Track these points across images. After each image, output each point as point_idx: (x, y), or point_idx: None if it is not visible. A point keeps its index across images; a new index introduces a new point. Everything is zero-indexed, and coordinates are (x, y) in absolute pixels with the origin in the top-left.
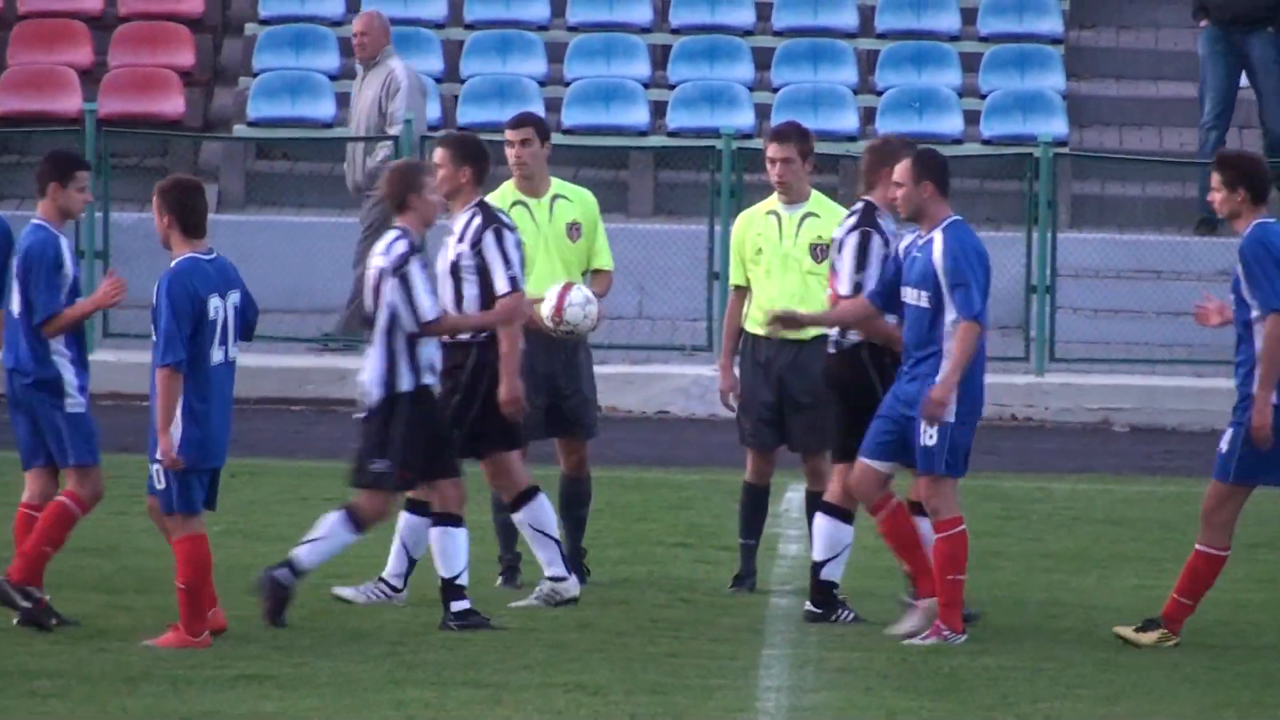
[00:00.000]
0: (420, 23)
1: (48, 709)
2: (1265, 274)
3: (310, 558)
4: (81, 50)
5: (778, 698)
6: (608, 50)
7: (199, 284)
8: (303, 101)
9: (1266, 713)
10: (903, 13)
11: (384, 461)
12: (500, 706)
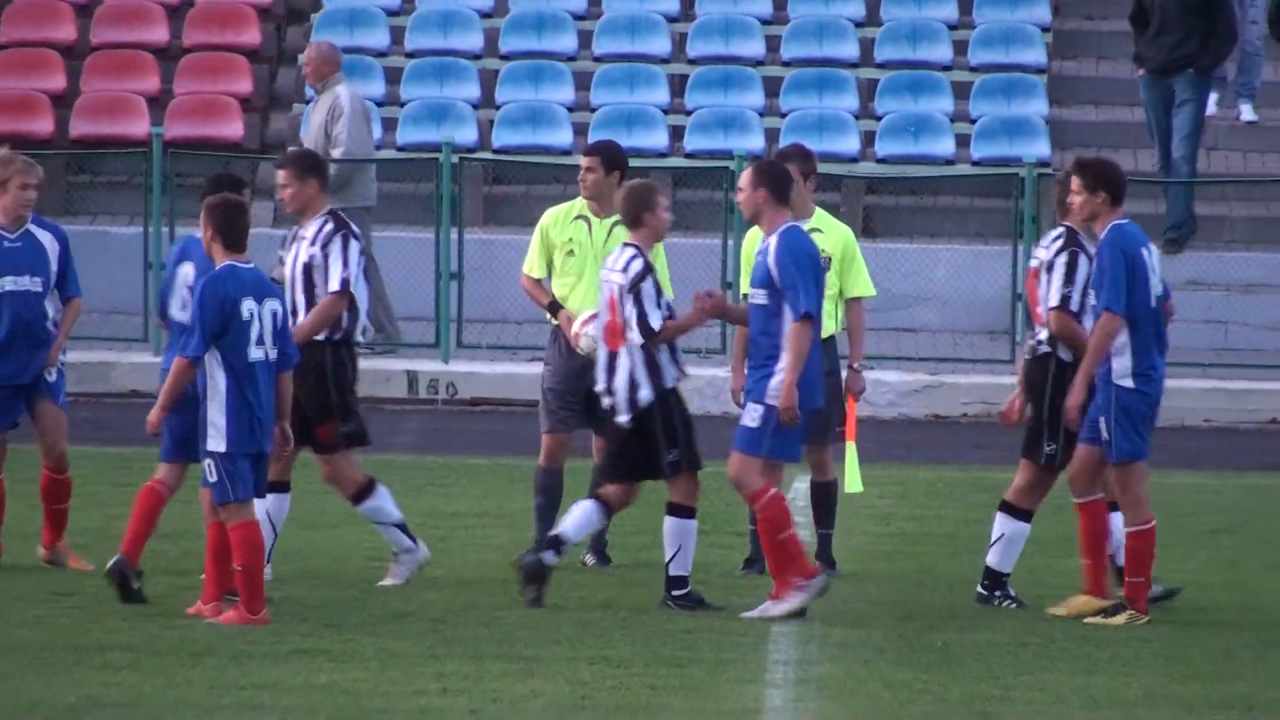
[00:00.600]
0: (458, 53)
1: (120, 680)
2: (1112, 275)
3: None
4: (149, 79)
5: (785, 670)
6: (630, 79)
7: (232, 288)
8: None
9: (1228, 684)
10: (900, 45)
11: (676, 450)
12: (532, 679)
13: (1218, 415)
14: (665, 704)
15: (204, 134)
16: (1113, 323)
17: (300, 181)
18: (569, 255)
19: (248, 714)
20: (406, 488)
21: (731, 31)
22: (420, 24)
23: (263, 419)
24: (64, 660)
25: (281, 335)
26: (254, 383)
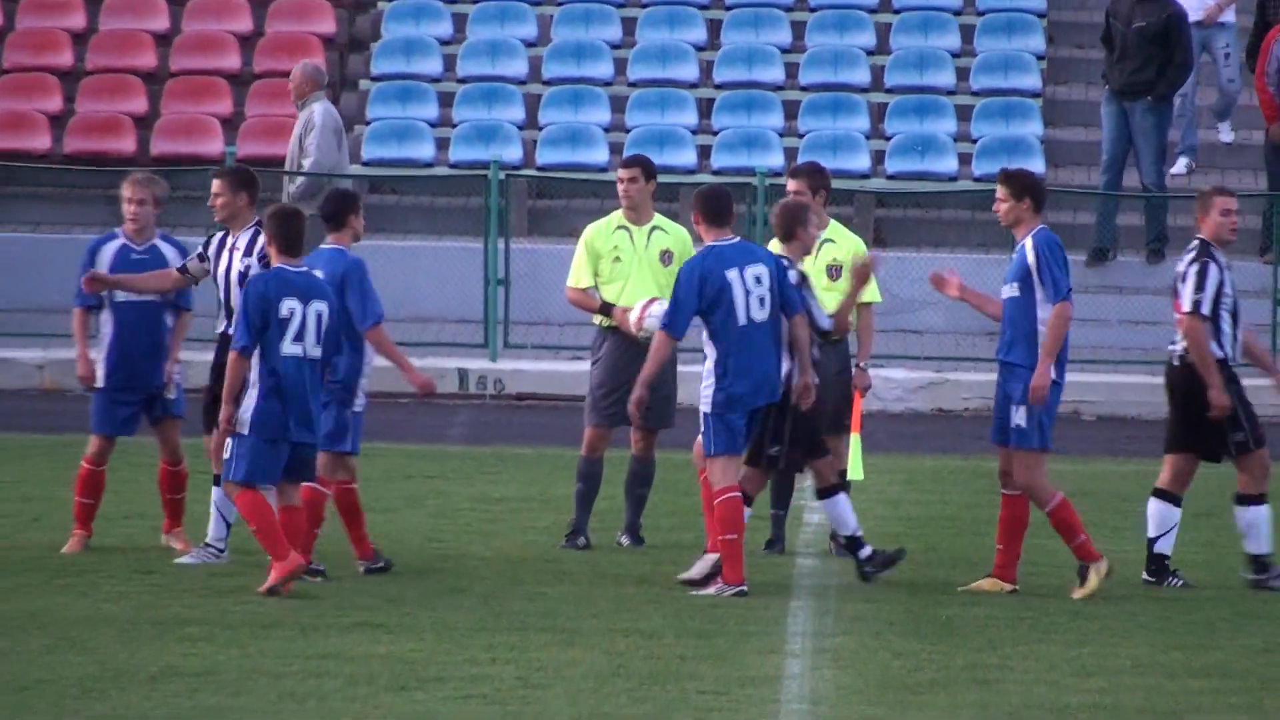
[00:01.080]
0: (505, 79)
1: (197, 650)
2: (1052, 268)
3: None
4: (223, 102)
5: (803, 641)
6: (662, 103)
7: (274, 288)
8: (408, 145)
9: (1207, 654)
10: (908, 71)
11: (777, 446)
12: (572, 648)
13: None
14: (694, 672)
15: (271, 153)
16: (1068, 311)
17: (233, 194)
18: (615, 262)
19: (313, 681)
20: (458, 475)
21: (754, 59)
22: (470, 52)
23: (293, 410)
24: (146, 633)
25: (329, 335)
26: (284, 377)
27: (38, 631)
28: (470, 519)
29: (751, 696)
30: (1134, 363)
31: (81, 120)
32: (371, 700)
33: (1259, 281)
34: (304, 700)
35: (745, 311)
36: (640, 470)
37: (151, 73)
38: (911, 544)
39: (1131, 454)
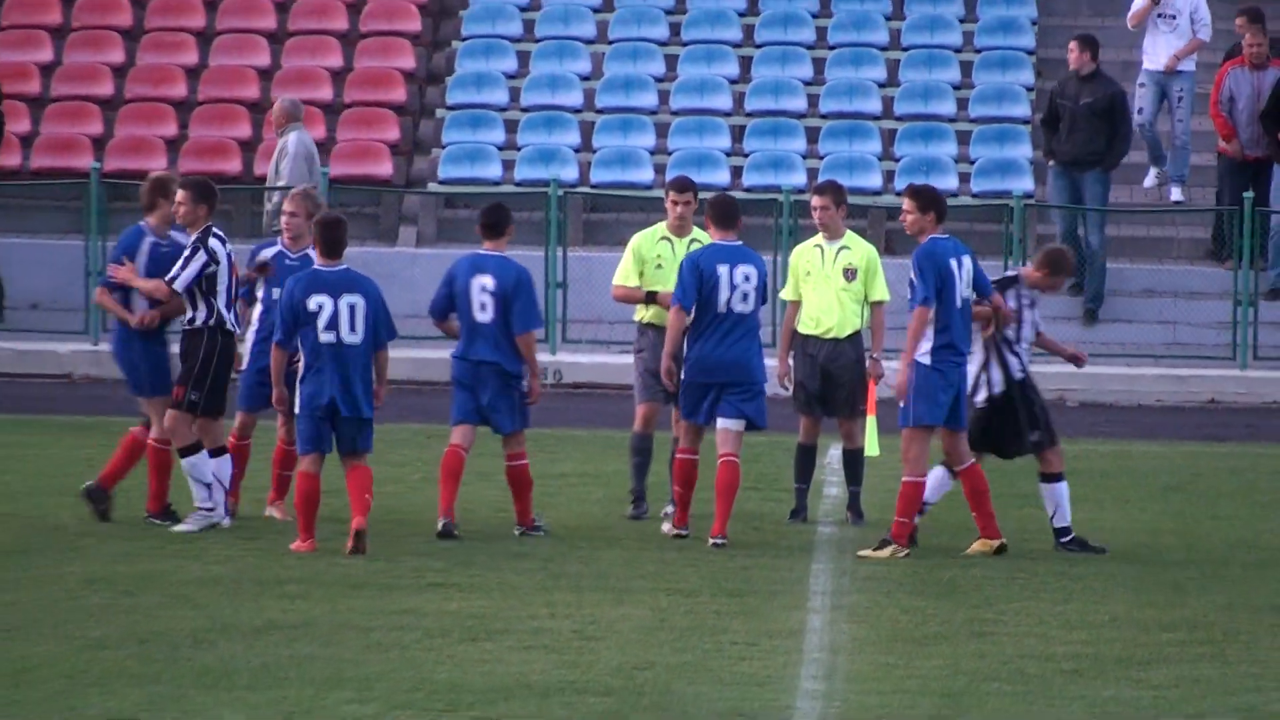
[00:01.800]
0: (564, 109)
1: (294, 607)
2: (924, 275)
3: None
4: (317, 128)
5: (822, 599)
6: (699, 129)
7: (301, 288)
8: (478, 166)
9: (1176, 610)
10: (914, 101)
11: (1037, 431)
12: (622, 605)
13: (1167, 396)
14: (727, 626)
15: (361, 172)
16: (924, 315)
17: (194, 204)
18: (657, 269)
19: (395, 634)
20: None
21: (780, 91)
22: (533, 85)
23: (332, 389)
24: (249, 591)
25: (367, 322)
26: (321, 360)
27: (155, 590)
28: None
29: (778, 647)
30: (1112, 356)
31: (195, 145)
32: (446, 650)
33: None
34: (387, 650)
35: (726, 302)
36: None
37: (255, 102)
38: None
39: (1109, 436)
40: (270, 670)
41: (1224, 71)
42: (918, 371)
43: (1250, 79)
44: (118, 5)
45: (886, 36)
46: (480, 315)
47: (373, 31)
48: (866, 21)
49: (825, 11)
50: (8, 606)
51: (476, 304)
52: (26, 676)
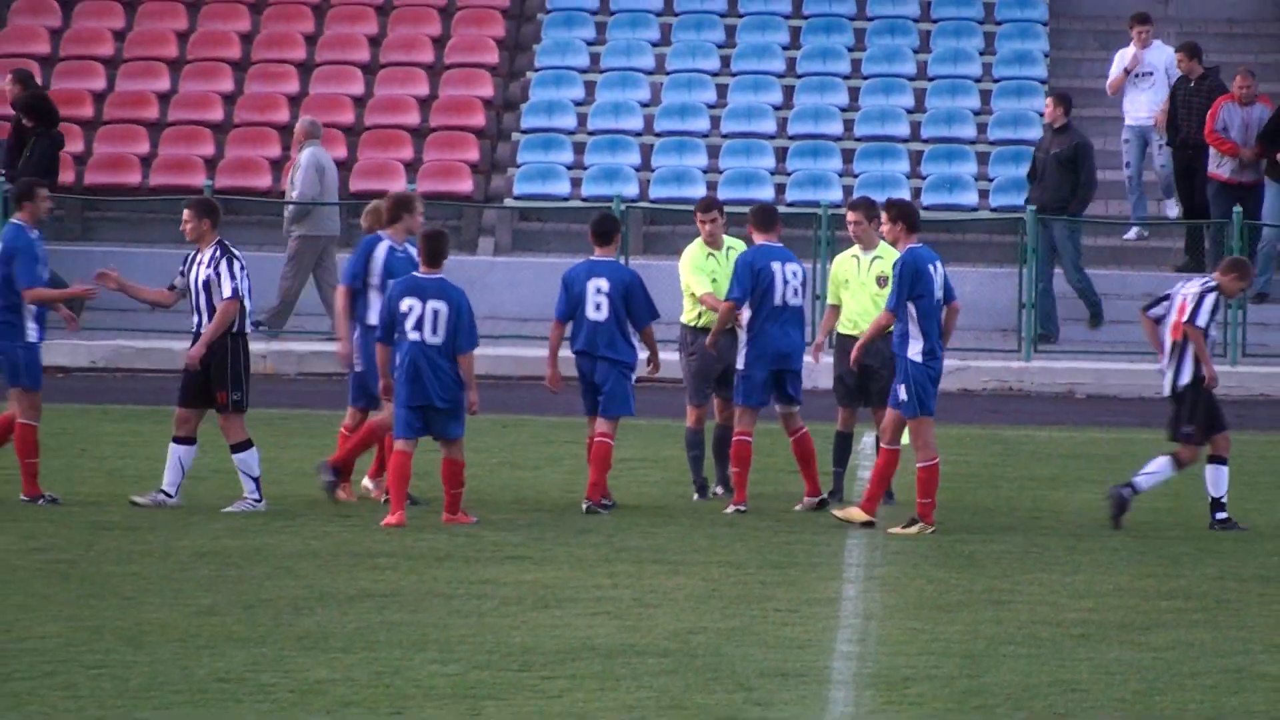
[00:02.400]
0: (626, 132)
1: (384, 577)
2: (899, 284)
3: (1145, 483)
4: (406, 150)
5: (856, 570)
6: (747, 150)
7: (397, 291)
8: (549, 183)
9: (1173, 581)
10: (939, 125)
11: (1191, 426)
12: (677, 576)
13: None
14: (772, 595)
15: (445, 189)
16: (888, 318)
17: (197, 220)
18: (714, 281)
19: (475, 601)
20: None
21: (819, 116)
22: (599, 111)
23: (418, 382)
24: (345, 563)
25: (448, 326)
26: (409, 356)
27: (260, 562)
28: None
29: (817, 614)
30: (1116, 353)
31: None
32: (520, 616)
33: None
34: (468, 616)
35: (781, 295)
36: (725, 434)
37: (349, 127)
38: (941, 495)
39: (1114, 425)
40: (362, 634)
41: (1218, 105)
42: (914, 369)
43: (1240, 113)
44: (228, 40)
45: (914, 68)
46: (595, 314)
47: (456, 64)
48: (896, 55)
49: (859, 45)
50: (127, 577)
51: (591, 304)
52: (144, 639)
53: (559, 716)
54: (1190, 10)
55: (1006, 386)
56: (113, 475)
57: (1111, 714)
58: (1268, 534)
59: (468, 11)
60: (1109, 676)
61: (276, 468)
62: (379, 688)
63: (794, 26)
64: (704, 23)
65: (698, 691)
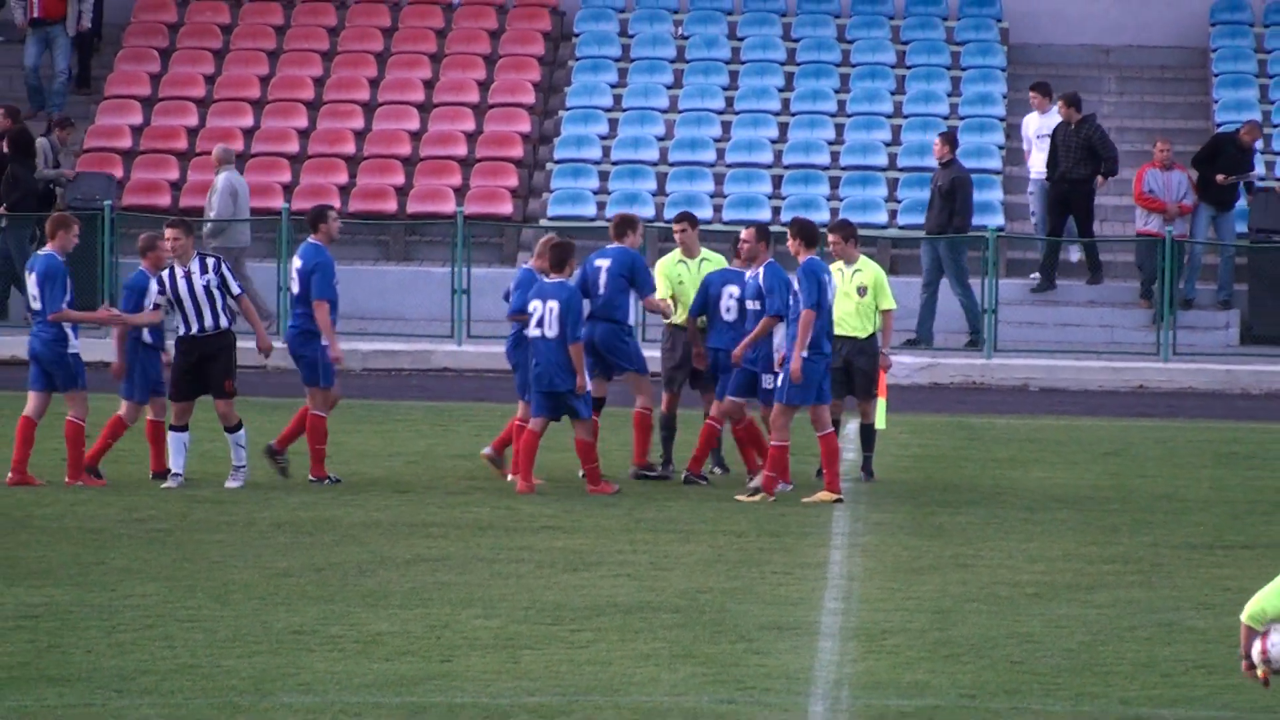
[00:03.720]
0: (643, 162)
1: (436, 544)
2: (808, 288)
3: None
4: (454, 177)
5: (841, 539)
6: (748, 178)
7: (529, 294)
8: (578, 206)
9: (1114, 547)
10: (913, 155)
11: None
12: (687, 543)
13: (1106, 383)
14: (769, 559)
15: (489, 211)
16: (811, 316)
17: (187, 236)
18: (679, 284)
19: (514, 565)
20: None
21: (810, 149)
22: (621, 144)
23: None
24: (402, 532)
25: (562, 321)
26: (535, 351)
27: (329, 531)
28: (618, 458)
29: (808, 575)
30: (1066, 351)
31: (362, 189)
32: (552, 577)
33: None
34: (508, 578)
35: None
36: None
37: (408, 158)
38: (914, 475)
39: (1064, 413)
40: (417, 593)
41: (1143, 171)
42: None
43: (1162, 176)
44: (303, 83)
45: (891, 107)
46: (728, 316)
47: (498, 104)
48: (876, 95)
49: (845, 88)
50: (215, 544)
51: (724, 307)
52: (229, 597)
53: (586, 663)
54: (1128, 58)
55: (971, 381)
56: (204, 457)
57: (1060, 661)
58: (1195, 507)
59: (509, 59)
60: (1058, 630)
61: (344, 450)
62: (431, 639)
63: (788, 72)
64: (711, 69)
65: (705, 642)
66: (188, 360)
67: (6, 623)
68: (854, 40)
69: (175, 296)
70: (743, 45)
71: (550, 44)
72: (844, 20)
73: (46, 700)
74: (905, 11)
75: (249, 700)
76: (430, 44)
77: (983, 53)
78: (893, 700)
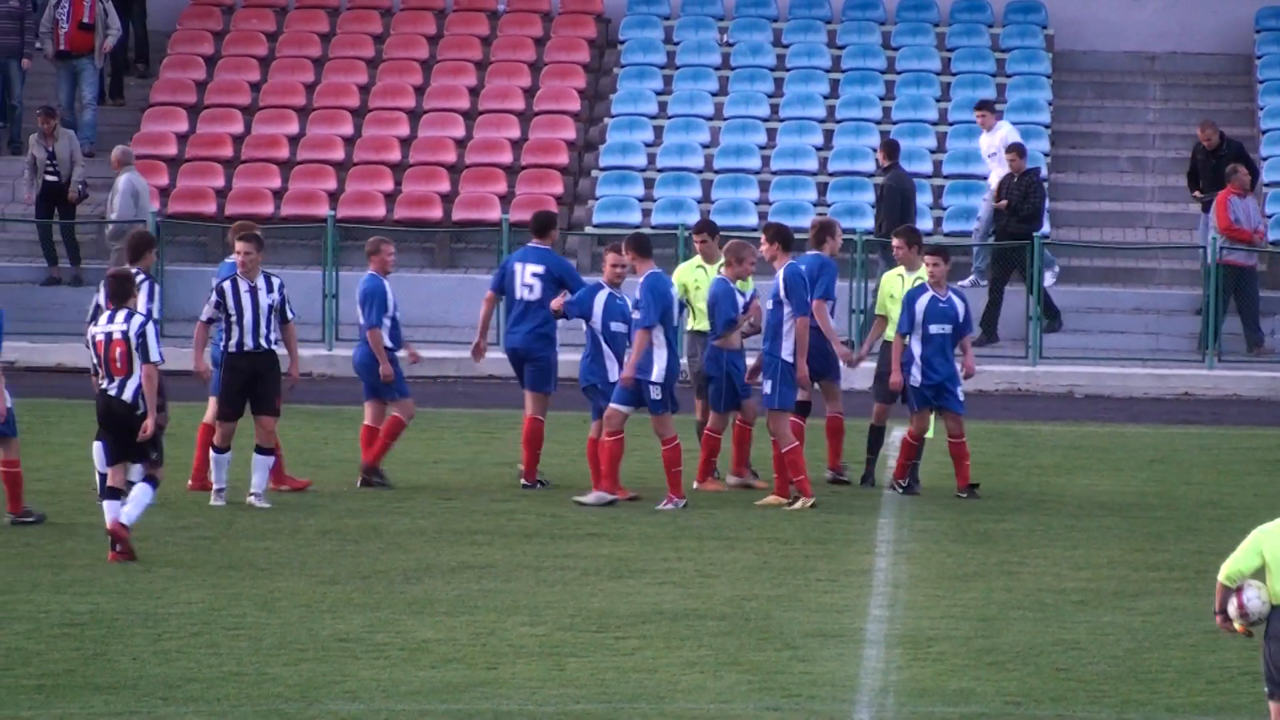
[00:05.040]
0: (688, 170)
1: (481, 551)
2: (795, 293)
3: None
4: (500, 184)
5: (886, 545)
6: (793, 185)
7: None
8: (624, 213)
9: (1159, 554)
10: (958, 163)
11: None
12: (732, 550)
13: (1151, 390)
14: (814, 566)
15: None
16: (807, 320)
17: (258, 252)
18: (696, 289)
19: (559, 572)
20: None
21: (855, 155)
22: (666, 151)
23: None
24: (448, 539)
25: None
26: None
27: (376, 538)
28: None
29: (853, 583)
30: (1110, 359)
31: (407, 197)
32: (598, 585)
33: (1192, 304)
34: (553, 585)
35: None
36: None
37: (453, 165)
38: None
39: (1109, 420)
40: (463, 600)
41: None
42: (784, 367)
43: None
44: (349, 91)
45: (936, 114)
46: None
47: (544, 111)
48: (921, 103)
49: (889, 95)
50: (261, 551)
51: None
52: (276, 604)
53: (631, 671)
54: (1173, 65)
55: (1015, 387)
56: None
57: (1106, 668)
58: (1240, 514)
59: (554, 66)
60: (1104, 637)
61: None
62: (477, 646)
63: (833, 79)
64: (756, 76)
65: (751, 650)
66: (240, 377)
67: (53, 630)
68: (899, 47)
69: (236, 309)
70: (788, 52)
71: (595, 51)
72: (889, 28)
73: (93, 707)
74: (951, 18)
75: (295, 708)
76: (476, 51)
77: (1028, 59)
78: (938, 707)
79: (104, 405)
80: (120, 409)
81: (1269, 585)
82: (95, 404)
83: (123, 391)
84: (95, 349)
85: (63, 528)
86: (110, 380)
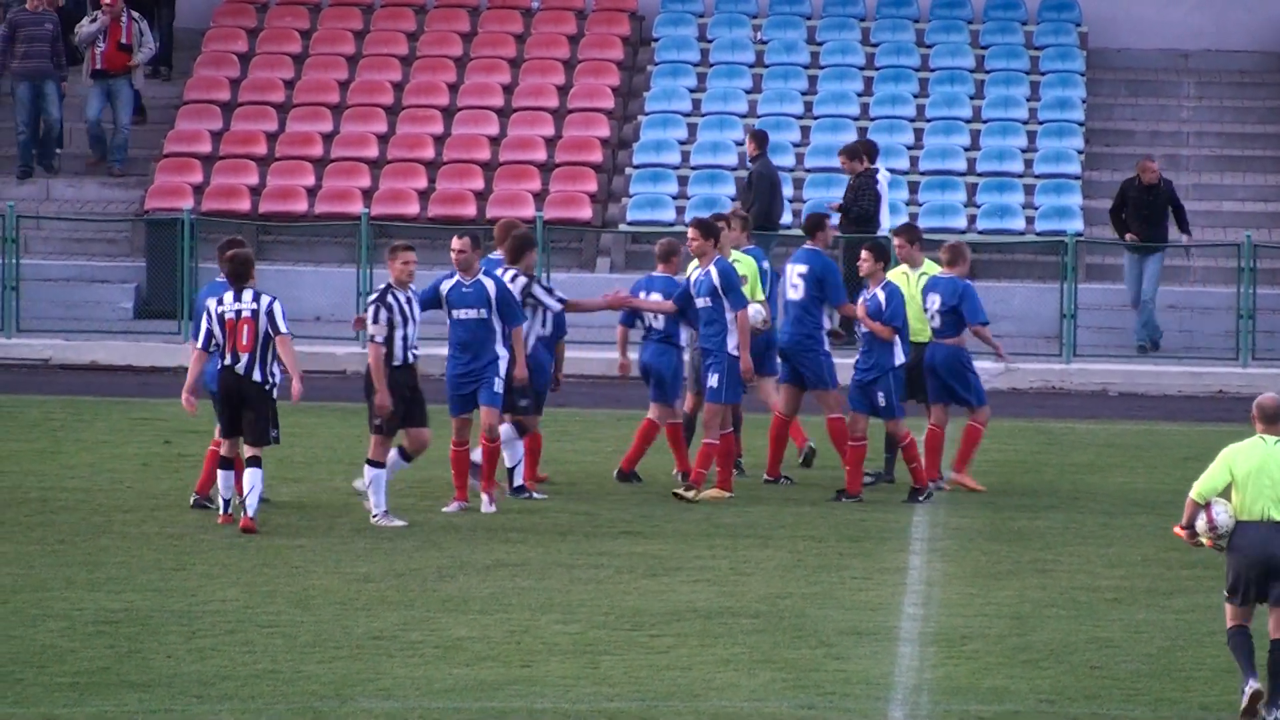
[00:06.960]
0: (722, 167)
1: (515, 548)
2: (732, 288)
3: None
4: (534, 182)
5: (920, 544)
6: (827, 182)
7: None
8: (657, 210)
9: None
10: (991, 160)
11: None
12: (767, 548)
13: (1186, 388)
14: (849, 564)
15: (568, 216)
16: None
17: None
18: None
19: (593, 570)
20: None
21: (887, 154)
22: (699, 149)
23: None
24: (482, 537)
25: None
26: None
27: (410, 536)
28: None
29: (887, 580)
30: (1144, 356)
31: (441, 194)
32: (632, 583)
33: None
34: (587, 584)
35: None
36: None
37: (486, 162)
38: (993, 479)
39: (1142, 418)
40: (497, 598)
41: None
42: (731, 361)
43: None
44: (382, 88)
45: (970, 112)
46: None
47: (577, 109)
48: (955, 100)
49: (923, 93)
50: (295, 550)
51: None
52: (309, 603)
53: (666, 669)
54: (1207, 63)
55: (1050, 385)
56: (283, 462)
57: (1140, 666)
58: None
59: (588, 64)
60: (1138, 635)
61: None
62: (511, 644)
63: (867, 76)
64: (790, 73)
65: (785, 647)
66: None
67: (88, 628)
68: (933, 45)
69: (405, 318)
70: (821, 50)
71: (629, 49)
72: (923, 25)
73: (127, 705)
74: (984, 16)
75: (329, 706)
76: (510, 49)
77: (1062, 57)
78: (972, 705)
79: (229, 381)
80: (244, 386)
81: (1235, 501)
82: (218, 380)
83: (249, 369)
84: (224, 326)
85: (97, 525)
86: (235, 359)
